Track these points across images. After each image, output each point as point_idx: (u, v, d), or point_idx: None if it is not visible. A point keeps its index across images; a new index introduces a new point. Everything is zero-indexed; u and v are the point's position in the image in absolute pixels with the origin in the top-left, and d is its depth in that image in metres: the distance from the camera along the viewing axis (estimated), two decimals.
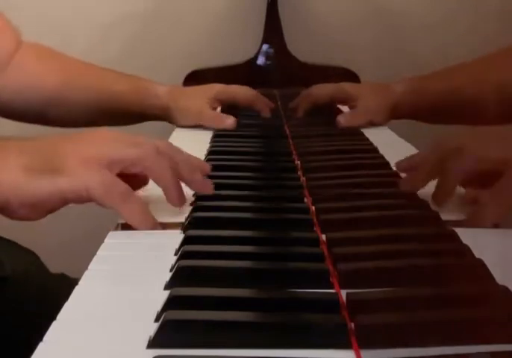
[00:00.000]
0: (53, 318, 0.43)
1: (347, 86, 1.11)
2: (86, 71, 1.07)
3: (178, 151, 0.66)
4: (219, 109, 1.12)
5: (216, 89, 1.10)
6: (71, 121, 1.07)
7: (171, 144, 0.66)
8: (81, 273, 0.51)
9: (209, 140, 0.98)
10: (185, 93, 1.12)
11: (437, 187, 0.65)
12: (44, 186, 0.56)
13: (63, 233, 1.67)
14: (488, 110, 1.00)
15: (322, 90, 1.12)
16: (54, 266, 0.94)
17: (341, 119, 1.05)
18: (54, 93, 1.02)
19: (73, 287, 0.48)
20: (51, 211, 0.59)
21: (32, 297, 0.83)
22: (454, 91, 1.04)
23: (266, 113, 1.11)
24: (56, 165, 0.57)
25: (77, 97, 1.04)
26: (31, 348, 0.39)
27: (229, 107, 1.12)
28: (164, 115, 1.09)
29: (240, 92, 1.11)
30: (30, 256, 0.92)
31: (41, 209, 0.58)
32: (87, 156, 0.58)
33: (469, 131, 0.73)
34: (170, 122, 1.10)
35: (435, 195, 0.64)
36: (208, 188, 0.66)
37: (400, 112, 1.08)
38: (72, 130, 1.07)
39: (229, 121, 1.05)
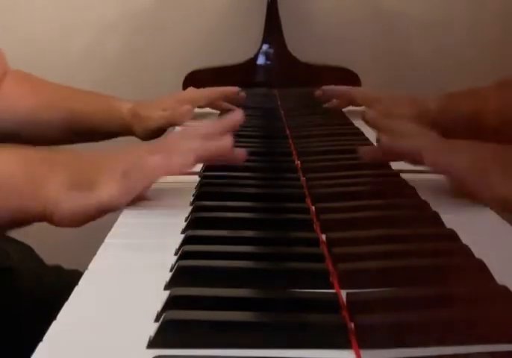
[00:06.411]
0: (53, 317, 0.43)
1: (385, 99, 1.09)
2: (58, 94, 1.10)
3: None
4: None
5: (183, 94, 1.13)
6: (42, 140, 1.09)
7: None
8: (77, 266, 0.51)
9: None
10: (149, 103, 1.12)
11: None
12: (80, 201, 0.62)
13: (61, 230, 1.67)
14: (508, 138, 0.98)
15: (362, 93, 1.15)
16: (49, 262, 0.95)
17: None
18: (27, 115, 1.06)
19: (69, 278, 0.48)
20: (90, 220, 0.63)
21: (30, 288, 0.84)
22: (478, 115, 1.02)
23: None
24: (92, 180, 0.62)
25: (48, 118, 1.08)
26: (31, 348, 0.39)
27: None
28: (128, 131, 1.10)
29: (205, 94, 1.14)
30: (25, 249, 0.93)
31: (80, 220, 0.63)
32: (119, 169, 0.63)
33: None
34: (137, 136, 1.10)
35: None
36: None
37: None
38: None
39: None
